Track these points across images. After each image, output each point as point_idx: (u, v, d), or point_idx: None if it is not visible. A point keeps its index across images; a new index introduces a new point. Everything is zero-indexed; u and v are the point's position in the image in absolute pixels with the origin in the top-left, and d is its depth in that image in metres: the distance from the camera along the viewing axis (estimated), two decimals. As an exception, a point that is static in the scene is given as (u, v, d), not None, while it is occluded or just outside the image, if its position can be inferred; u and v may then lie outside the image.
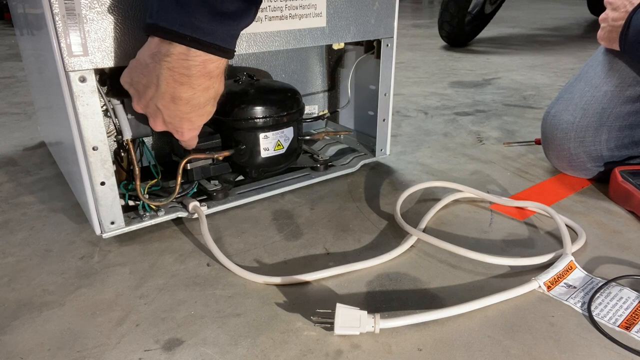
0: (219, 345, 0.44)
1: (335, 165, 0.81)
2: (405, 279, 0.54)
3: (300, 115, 0.74)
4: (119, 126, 0.59)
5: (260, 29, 0.62)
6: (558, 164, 0.80)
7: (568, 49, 2.19)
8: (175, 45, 0.46)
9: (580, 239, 0.60)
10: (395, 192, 0.75)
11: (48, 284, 0.54)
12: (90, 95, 0.52)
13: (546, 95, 1.37)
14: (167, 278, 0.54)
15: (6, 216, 0.69)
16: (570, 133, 0.75)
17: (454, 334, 0.45)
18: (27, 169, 0.86)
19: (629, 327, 0.46)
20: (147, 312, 0.49)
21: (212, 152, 0.67)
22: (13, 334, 0.46)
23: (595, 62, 0.78)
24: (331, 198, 0.73)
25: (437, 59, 1.97)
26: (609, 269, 0.55)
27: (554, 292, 0.51)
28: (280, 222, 0.66)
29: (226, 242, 0.62)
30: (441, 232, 0.64)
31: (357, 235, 0.63)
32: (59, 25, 0.48)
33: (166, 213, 0.64)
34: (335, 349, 0.44)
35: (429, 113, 1.20)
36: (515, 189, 0.76)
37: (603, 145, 0.75)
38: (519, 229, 0.64)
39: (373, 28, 0.73)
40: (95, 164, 0.55)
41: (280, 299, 0.51)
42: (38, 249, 0.60)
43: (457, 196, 0.72)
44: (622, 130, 0.74)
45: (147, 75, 0.49)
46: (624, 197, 0.69)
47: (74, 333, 0.46)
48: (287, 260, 0.58)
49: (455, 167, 0.85)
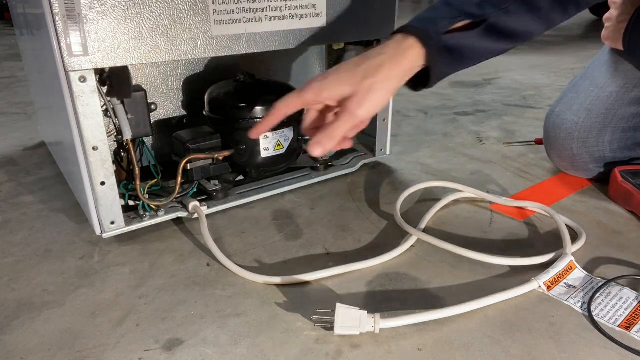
0: (219, 345, 0.44)
1: (335, 165, 0.81)
2: (405, 279, 0.54)
3: (300, 115, 0.74)
4: (119, 126, 0.59)
5: (260, 29, 0.62)
6: (560, 163, 0.80)
7: (568, 49, 2.19)
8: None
9: (580, 239, 0.60)
10: (395, 192, 0.75)
11: (48, 284, 0.54)
12: (90, 95, 0.52)
13: (546, 95, 1.37)
14: (167, 278, 0.54)
15: (6, 216, 0.69)
16: (573, 133, 0.75)
17: (454, 334, 0.45)
18: (27, 169, 0.86)
19: (629, 327, 0.46)
20: (147, 312, 0.49)
21: (212, 152, 0.67)
22: (13, 334, 0.46)
23: (600, 62, 0.78)
24: (331, 198, 0.73)
25: (437, 59, 1.96)
26: (609, 269, 0.55)
27: (554, 292, 0.51)
28: (280, 222, 0.66)
29: (226, 242, 0.62)
30: (441, 232, 0.64)
31: (357, 235, 0.63)
32: (59, 25, 0.48)
33: (166, 213, 0.64)
34: (335, 349, 0.44)
35: (429, 113, 1.20)
36: (515, 189, 0.76)
37: (606, 147, 0.74)
38: (519, 229, 0.64)
39: (373, 28, 0.73)
40: (95, 164, 0.55)
41: (280, 299, 0.51)
42: (38, 249, 0.60)
43: (457, 196, 0.72)
44: (625, 131, 0.74)
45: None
46: (624, 197, 0.69)
47: (74, 333, 0.46)
48: (287, 260, 0.58)
49: (455, 167, 0.85)
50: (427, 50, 0.50)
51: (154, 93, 0.76)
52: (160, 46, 0.55)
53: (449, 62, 0.52)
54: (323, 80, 0.50)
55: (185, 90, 0.79)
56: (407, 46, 0.50)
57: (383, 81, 0.48)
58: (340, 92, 0.49)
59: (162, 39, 0.55)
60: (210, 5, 0.57)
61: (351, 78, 0.49)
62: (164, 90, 0.77)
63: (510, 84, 1.50)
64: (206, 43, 0.58)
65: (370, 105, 0.48)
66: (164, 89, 0.77)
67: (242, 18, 0.60)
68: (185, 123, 0.80)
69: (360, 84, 0.48)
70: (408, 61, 0.50)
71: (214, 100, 0.72)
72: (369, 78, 0.48)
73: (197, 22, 0.57)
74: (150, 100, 0.64)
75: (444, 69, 0.52)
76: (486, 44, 0.53)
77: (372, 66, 0.49)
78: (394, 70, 0.49)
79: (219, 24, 0.58)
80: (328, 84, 0.50)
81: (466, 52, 0.52)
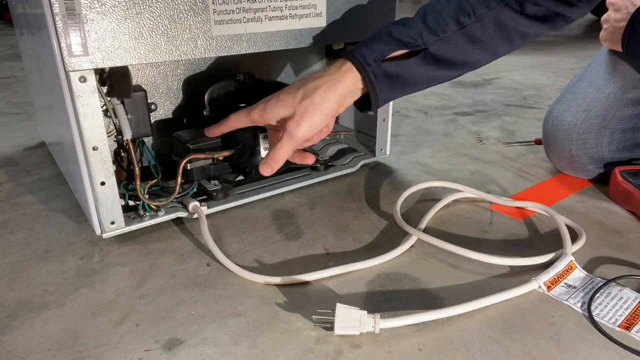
0: (219, 345, 0.44)
1: (335, 165, 0.81)
2: (405, 279, 0.54)
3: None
4: (119, 126, 0.59)
5: (260, 29, 0.62)
6: (559, 164, 0.80)
7: (568, 48, 2.19)
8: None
9: (580, 239, 0.60)
10: (395, 192, 0.75)
11: (48, 284, 0.54)
12: (90, 95, 0.52)
13: (546, 95, 1.37)
14: (167, 278, 0.54)
15: (6, 216, 0.69)
16: (572, 135, 0.75)
17: (454, 334, 0.45)
18: (27, 169, 0.86)
19: (629, 327, 0.46)
20: (147, 312, 0.49)
21: (212, 152, 0.67)
22: (13, 334, 0.46)
23: (598, 63, 0.78)
24: (331, 198, 0.73)
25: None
26: (608, 269, 0.55)
27: (554, 292, 0.51)
28: (280, 222, 0.66)
29: (226, 242, 0.62)
30: (441, 232, 0.64)
31: (357, 235, 0.63)
32: (59, 25, 0.48)
33: (166, 213, 0.64)
34: (335, 349, 0.44)
35: (429, 113, 1.20)
36: (515, 189, 0.76)
37: (605, 148, 0.74)
38: (519, 229, 0.64)
39: (373, 28, 0.72)
40: (95, 164, 0.55)
41: (280, 299, 0.51)
42: (38, 249, 0.60)
43: (457, 196, 0.72)
44: (624, 132, 0.74)
45: None
46: (624, 197, 0.69)
47: (74, 333, 0.46)
48: (287, 260, 0.58)
49: (455, 167, 0.85)
50: (362, 76, 0.53)
51: (154, 93, 0.76)
52: (160, 46, 0.55)
53: (388, 87, 0.54)
54: (267, 101, 0.54)
55: (185, 90, 0.79)
56: (345, 70, 0.53)
57: (319, 102, 0.51)
58: (281, 113, 0.53)
59: (162, 39, 0.55)
60: (210, 5, 0.57)
61: (291, 100, 0.52)
62: (164, 90, 0.77)
63: (510, 84, 1.50)
64: (206, 43, 0.58)
65: (306, 126, 0.51)
66: (164, 89, 0.77)
67: (242, 18, 0.60)
68: (185, 123, 0.80)
69: (298, 106, 0.51)
70: (344, 85, 0.53)
71: (214, 100, 0.72)
72: (306, 99, 0.51)
73: (197, 22, 0.57)
74: (150, 100, 0.64)
75: (385, 94, 0.55)
76: (427, 71, 0.55)
77: (310, 88, 0.52)
78: (330, 92, 0.52)
79: (219, 24, 0.58)
80: (271, 106, 0.53)
81: (407, 78, 0.54)
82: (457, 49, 0.54)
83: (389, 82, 0.54)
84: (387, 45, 0.53)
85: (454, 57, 0.55)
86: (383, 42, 0.54)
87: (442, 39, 0.54)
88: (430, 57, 0.54)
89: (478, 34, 0.54)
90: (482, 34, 0.54)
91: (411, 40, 0.53)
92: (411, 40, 0.53)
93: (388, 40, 0.54)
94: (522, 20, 0.54)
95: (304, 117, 0.51)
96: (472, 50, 0.55)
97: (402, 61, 0.54)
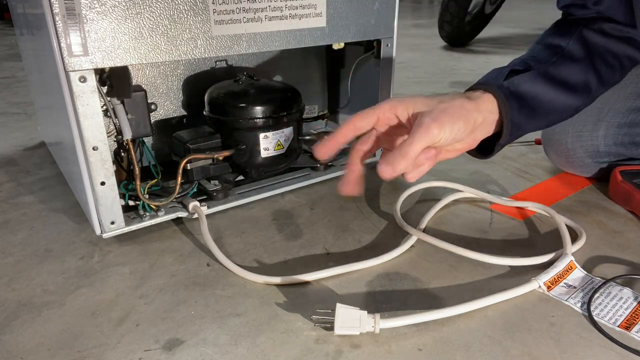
0: (219, 345, 0.44)
1: (335, 165, 0.81)
2: (405, 279, 0.54)
3: (300, 115, 0.74)
4: (119, 126, 0.59)
5: (260, 29, 0.62)
6: (557, 160, 0.80)
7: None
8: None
9: (580, 239, 0.60)
10: (395, 192, 0.75)
11: (48, 284, 0.54)
12: (90, 95, 0.53)
13: (546, 95, 1.36)
14: (167, 278, 0.54)
15: (6, 216, 0.69)
16: (568, 128, 0.75)
17: (454, 334, 0.45)
18: (27, 169, 0.86)
19: (629, 327, 0.46)
20: (147, 312, 0.49)
21: (212, 152, 0.67)
22: (13, 334, 0.46)
23: None
24: (331, 198, 0.73)
25: (437, 59, 1.97)
26: (608, 268, 0.55)
27: (554, 292, 0.51)
28: (280, 222, 0.66)
29: (226, 242, 0.62)
30: (441, 232, 0.64)
31: (357, 235, 0.63)
32: (59, 25, 0.48)
33: (166, 213, 0.64)
34: (335, 349, 0.44)
35: (429, 113, 1.20)
36: (515, 189, 0.76)
37: (600, 141, 0.74)
38: (519, 229, 0.64)
39: (373, 28, 0.73)
40: (95, 164, 0.55)
41: (280, 299, 0.51)
42: (38, 249, 0.60)
43: (457, 196, 0.72)
44: (621, 127, 0.74)
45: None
46: (624, 197, 0.69)
47: (74, 333, 0.46)
48: (287, 260, 0.58)
49: (455, 167, 0.85)
50: (495, 95, 0.50)
51: (154, 93, 0.76)
52: (160, 46, 0.55)
53: (518, 107, 0.51)
54: (400, 98, 0.49)
55: (185, 90, 0.79)
56: (476, 95, 0.50)
57: (459, 107, 0.47)
58: (416, 107, 0.48)
59: (162, 39, 0.55)
60: (210, 5, 0.57)
61: (427, 101, 0.48)
62: (164, 90, 0.77)
63: (510, 84, 1.50)
64: (206, 43, 0.58)
65: (445, 122, 0.45)
66: (164, 89, 0.77)
67: (242, 18, 0.60)
68: (185, 123, 0.80)
69: (436, 105, 0.47)
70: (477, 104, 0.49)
71: (214, 100, 0.72)
72: (445, 103, 0.47)
73: (197, 22, 0.57)
74: (150, 100, 0.64)
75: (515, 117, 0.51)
76: (546, 91, 0.54)
77: (447, 97, 0.49)
78: (468, 103, 0.48)
79: (219, 24, 0.58)
80: (404, 100, 0.49)
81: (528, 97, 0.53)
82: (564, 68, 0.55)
83: (516, 102, 0.51)
84: (503, 69, 0.53)
85: (563, 76, 0.55)
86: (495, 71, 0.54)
87: (550, 62, 0.55)
88: (541, 73, 0.54)
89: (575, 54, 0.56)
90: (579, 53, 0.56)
91: (519, 66, 0.54)
92: (519, 66, 0.54)
93: (499, 70, 0.54)
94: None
95: (443, 114, 0.46)
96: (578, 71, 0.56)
97: (519, 76, 0.53)
